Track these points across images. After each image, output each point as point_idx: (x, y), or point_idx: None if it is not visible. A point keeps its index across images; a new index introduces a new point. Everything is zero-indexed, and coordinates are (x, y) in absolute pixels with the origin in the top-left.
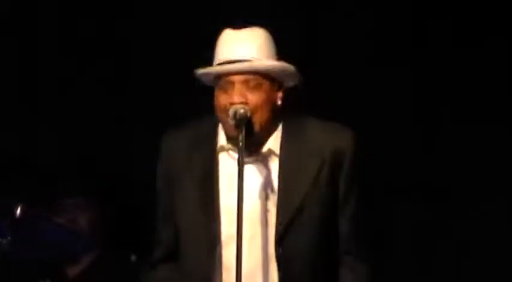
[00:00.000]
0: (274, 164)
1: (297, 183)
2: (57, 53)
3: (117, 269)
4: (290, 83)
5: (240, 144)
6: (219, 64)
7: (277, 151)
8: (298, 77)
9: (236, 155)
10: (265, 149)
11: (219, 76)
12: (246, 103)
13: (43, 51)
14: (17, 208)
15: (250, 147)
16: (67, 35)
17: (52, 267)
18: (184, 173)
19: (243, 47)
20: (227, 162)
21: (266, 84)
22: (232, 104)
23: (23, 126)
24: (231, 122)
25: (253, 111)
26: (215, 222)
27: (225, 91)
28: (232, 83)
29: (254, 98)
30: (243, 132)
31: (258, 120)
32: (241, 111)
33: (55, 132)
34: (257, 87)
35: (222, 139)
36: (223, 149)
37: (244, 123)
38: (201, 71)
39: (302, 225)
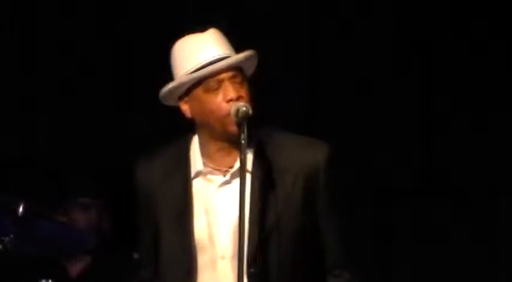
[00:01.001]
0: (247, 182)
1: (269, 201)
2: (57, 53)
3: (119, 267)
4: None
5: (243, 142)
6: (198, 69)
7: (250, 168)
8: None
9: (215, 177)
10: (238, 166)
11: (199, 82)
12: (242, 97)
13: (43, 51)
14: (20, 206)
15: (222, 166)
16: (67, 35)
17: (54, 266)
18: (159, 203)
19: (217, 46)
20: (203, 187)
21: (245, 79)
22: (229, 100)
23: (23, 126)
24: (233, 119)
25: None
26: (190, 251)
27: (215, 91)
28: (221, 81)
29: (244, 93)
30: (245, 131)
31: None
32: (243, 108)
33: (55, 132)
34: (243, 82)
35: (198, 164)
36: (199, 174)
37: (246, 120)
38: (187, 78)
39: (275, 244)
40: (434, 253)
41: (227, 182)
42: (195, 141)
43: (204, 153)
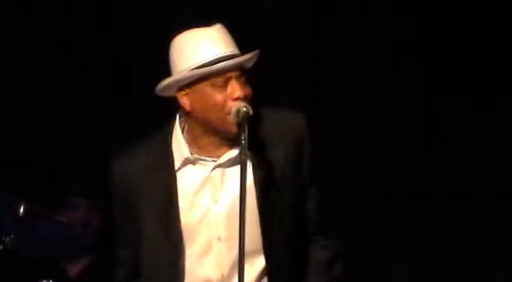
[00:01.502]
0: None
1: (269, 176)
2: (57, 53)
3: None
4: None
5: (243, 142)
6: (206, 64)
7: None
8: None
9: (206, 162)
10: (236, 150)
11: (206, 76)
12: (248, 97)
13: (43, 51)
14: (20, 206)
15: (212, 156)
16: (67, 35)
17: (54, 266)
18: (142, 199)
19: (226, 43)
20: (193, 173)
21: (248, 79)
22: (236, 99)
23: (23, 126)
24: (233, 119)
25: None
26: (177, 243)
27: (221, 88)
28: (229, 79)
29: (249, 92)
30: (246, 132)
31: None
32: (244, 109)
33: (55, 132)
34: (247, 81)
35: (185, 152)
36: (188, 161)
37: (246, 121)
38: (195, 72)
39: (280, 216)
40: (434, 253)
41: (220, 165)
42: (177, 133)
43: (193, 144)
